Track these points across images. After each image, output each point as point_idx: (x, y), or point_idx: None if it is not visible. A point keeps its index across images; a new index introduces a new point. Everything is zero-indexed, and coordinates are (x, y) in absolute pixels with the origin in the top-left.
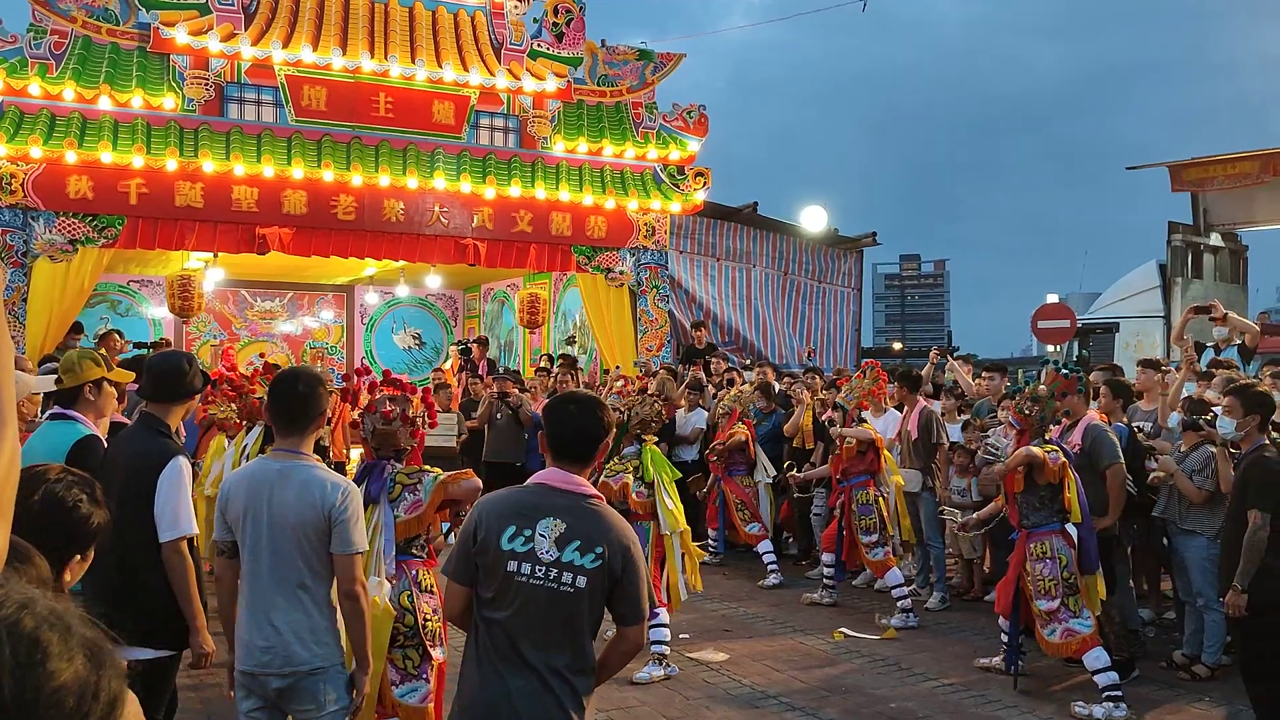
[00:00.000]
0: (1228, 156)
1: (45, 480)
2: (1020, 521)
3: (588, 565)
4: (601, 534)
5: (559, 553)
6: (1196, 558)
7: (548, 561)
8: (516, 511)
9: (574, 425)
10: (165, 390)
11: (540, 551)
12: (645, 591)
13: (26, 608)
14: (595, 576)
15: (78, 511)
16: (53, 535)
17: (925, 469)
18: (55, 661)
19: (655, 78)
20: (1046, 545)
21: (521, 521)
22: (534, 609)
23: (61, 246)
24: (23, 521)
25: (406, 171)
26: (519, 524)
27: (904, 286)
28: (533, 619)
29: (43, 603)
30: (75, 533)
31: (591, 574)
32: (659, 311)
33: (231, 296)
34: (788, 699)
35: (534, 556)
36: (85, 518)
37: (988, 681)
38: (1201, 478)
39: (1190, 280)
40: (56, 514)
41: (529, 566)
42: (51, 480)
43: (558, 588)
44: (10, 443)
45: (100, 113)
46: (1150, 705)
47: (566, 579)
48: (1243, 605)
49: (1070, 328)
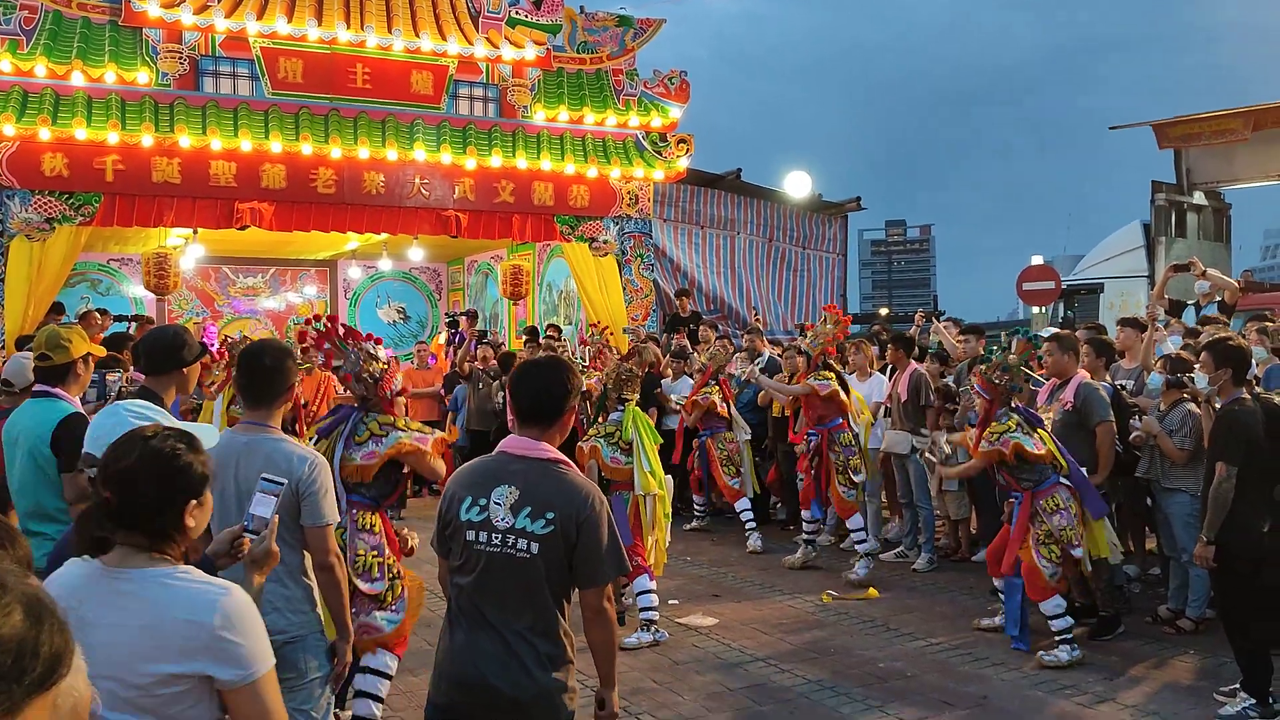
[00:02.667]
0: (1212, 114)
1: (142, 439)
2: (1020, 484)
3: (538, 531)
4: (553, 499)
5: (513, 519)
6: (1180, 513)
7: (503, 529)
8: (475, 481)
9: (533, 387)
10: (160, 362)
11: (495, 519)
12: (605, 556)
13: None
14: (548, 542)
15: (180, 460)
16: (165, 486)
17: (914, 431)
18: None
19: (635, 44)
20: (1057, 498)
21: (478, 491)
22: (493, 575)
23: (38, 225)
24: (133, 479)
25: (386, 143)
26: (475, 493)
27: (890, 252)
28: (493, 585)
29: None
30: (184, 481)
31: (543, 539)
32: (644, 280)
33: (213, 273)
34: (776, 661)
35: (489, 525)
36: (189, 465)
37: (975, 640)
38: (1181, 437)
39: (1174, 239)
40: (160, 466)
41: (485, 535)
42: (148, 437)
43: (515, 554)
44: None
45: (73, 89)
46: (1136, 659)
47: (521, 545)
48: (1210, 556)
49: (1055, 289)
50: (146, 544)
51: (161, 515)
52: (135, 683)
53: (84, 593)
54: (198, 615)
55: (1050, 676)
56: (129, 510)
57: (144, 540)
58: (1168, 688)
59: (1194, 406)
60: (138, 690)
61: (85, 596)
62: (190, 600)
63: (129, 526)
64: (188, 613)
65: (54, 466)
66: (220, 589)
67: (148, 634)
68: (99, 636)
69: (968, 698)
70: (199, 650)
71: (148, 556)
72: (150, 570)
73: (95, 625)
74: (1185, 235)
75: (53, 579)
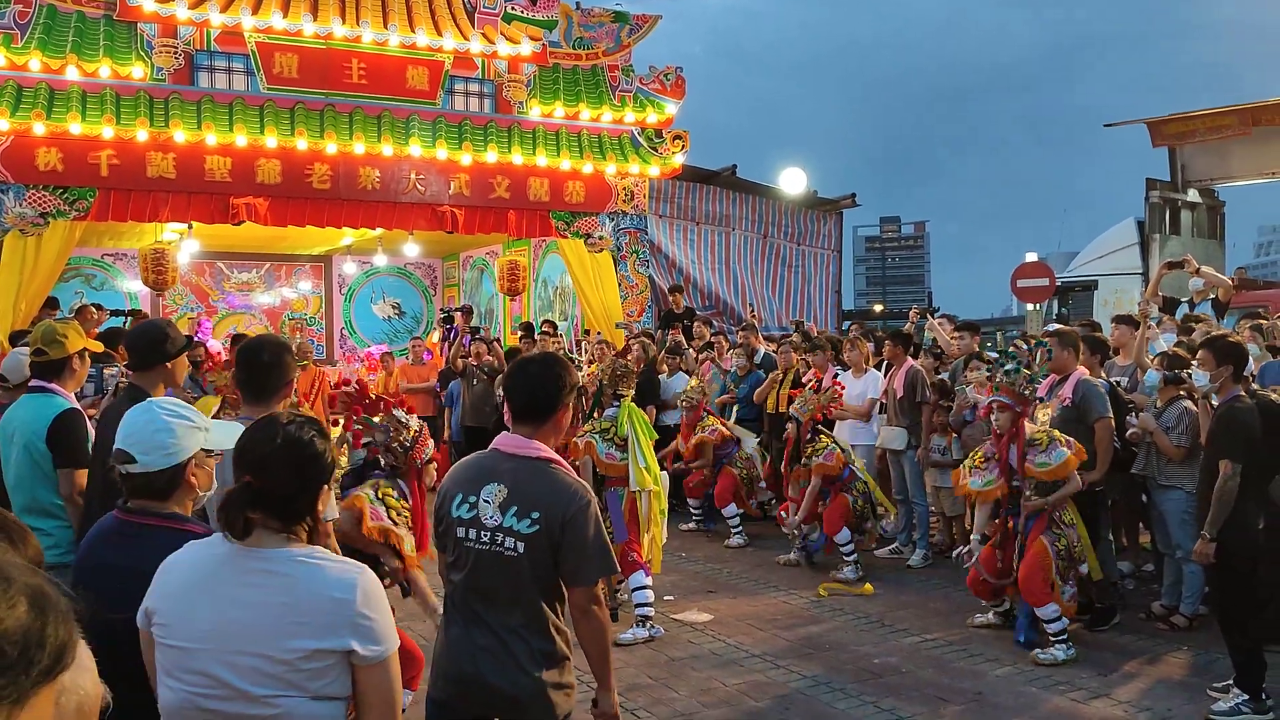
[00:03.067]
0: (1206, 112)
1: (279, 424)
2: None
3: (524, 530)
4: (540, 499)
5: (501, 517)
6: (1175, 510)
7: (491, 527)
8: (467, 478)
9: (525, 385)
10: (145, 357)
11: (484, 517)
12: (592, 555)
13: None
14: (533, 541)
15: (314, 446)
16: (302, 471)
17: (910, 427)
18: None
19: (631, 40)
20: (1069, 514)
21: (468, 488)
22: (482, 572)
23: (32, 220)
24: (273, 464)
25: (381, 139)
26: (465, 491)
27: (884, 249)
28: (482, 582)
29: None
30: (319, 466)
31: (529, 539)
32: (639, 276)
33: (208, 269)
34: (771, 657)
35: (478, 522)
36: (322, 452)
37: (970, 636)
38: (1177, 434)
39: (1168, 237)
40: (298, 452)
41: (474, 532)
42: (285, 424)
43: (503, 552)
44: None
45: (68, 83)
46: (1130, 655)
47: (508, 544)
48: (1211, 554)
49: (1049, 286)
50: (281, 525)
51: (298, 498)
52: (281, 658)
53: (223, 573)
54: (341, 592)
55: (1045, 673)
56: (268, 493)
57: (278, 522)
58: (1161, 683)
59: (1190, 403)
60: (284, 665)
61: (224, 576)
62: (332, 578)
63: (266, 509)
64: (331, 590)
65: (49, 462)
66: (356, 568)
67: (289, 611)
68: (242, 615)
69: (962, 693)
70: (342, 626)
71: (283, 537)
72: (286, 550)
73: (237, 603)
74: (1179, 232)
75: (179, 561)
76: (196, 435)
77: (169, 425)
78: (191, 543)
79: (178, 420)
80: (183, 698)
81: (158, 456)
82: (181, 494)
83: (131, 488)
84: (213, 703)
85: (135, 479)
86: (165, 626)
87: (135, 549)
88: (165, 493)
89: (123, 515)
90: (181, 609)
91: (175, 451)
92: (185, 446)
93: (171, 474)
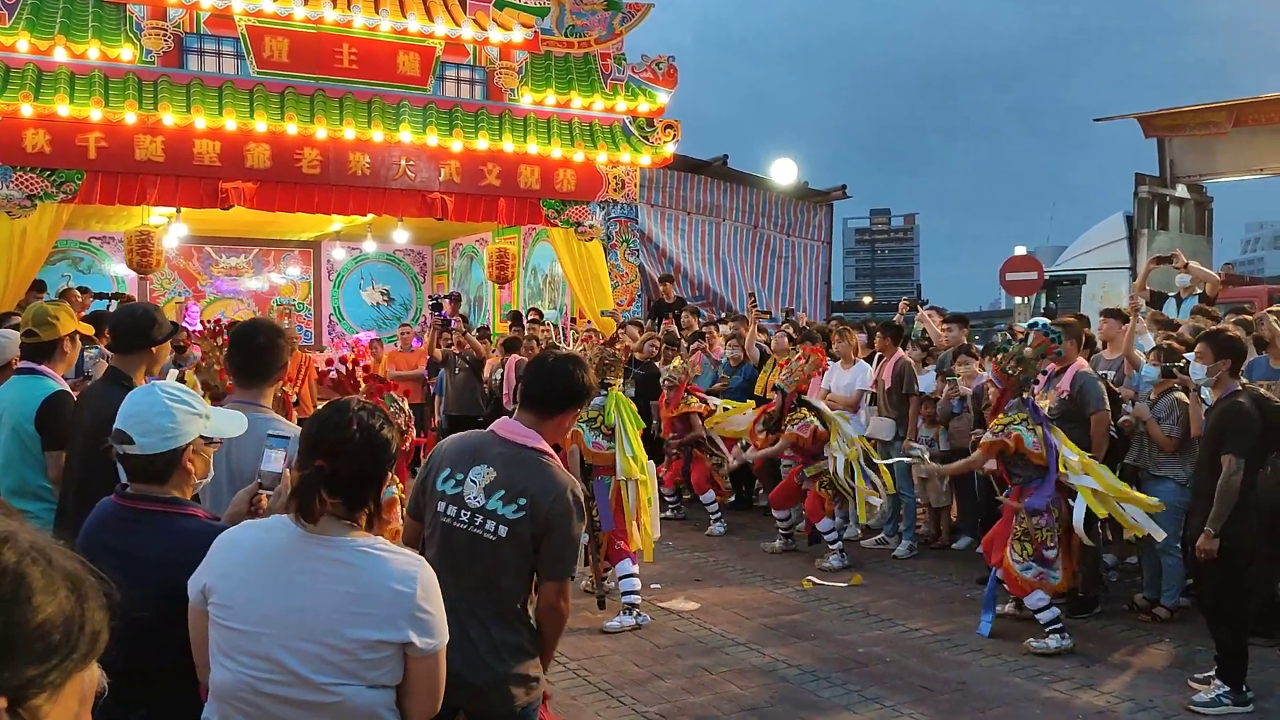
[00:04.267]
0: (1195, 107)
1: (352, 411)
2: (1010, 478)
3: (509, 515)
4: (528, 486)
5: (485, 500)
6: (1166, 501)
7: (473, 507)
8: (457, 454)
9: (547, 375)
10: (129, 340)
11: (468, 497)
12: (571, 551)
13: (8, 541)
14: (517, 528)
15: (384, 434)
16: (373, 458)
17: (899, 419)
18: (39, 596)
19: (623, 28)
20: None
21: (458, 465)
22: (455, 552)
23: (19, 202)
24: (348, 450)
25: (372, 124)
26: (454, 467)
27: (874, 241)
28: (453, 562)
29: (23, 535)
30: (387, 455)
31: (513, 524)
32: (629, 266)
33: (196, 253)
34: (757, 645)
35: (461, 500)
36: (390, 440)
37: (955, 627)
38: (1169, 424)
39: (1156, 232)
40: (370, 439)
41: (454, 509)
42: (357, 410)
43: (481, 534)
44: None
45: (56, 64)
46: (1113, 645)
47: (490, 527)
48: (1214, 550)
49: (1038, 280)
50: (346, 512)
51: (366, 486)
52: (342, 647)
53: (289, 558)
54: (402, 585)
55: (1028, 663)
56: (338, 478)
57: (344, 509)
58: (1143, 674)
59: (1183, 395)
60: (345, 654)
61: (290, 562)
62: (394, 570)
63: (335, 493)
64: (393, 581)
65: (38, 444)
66: (417, 560)
67: (352, 600)
68: (307, 601)
69: (947, 683)
70: (402, 617)
71: (346, 525)
72: (351, 539)
73: (303, 590)
74: (1167, 228)
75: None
76: (196, 422)
77: (169, 409)
78: (249, 522)
79: (179, 405)
80: (240, 679)
81: (156, 439)
82: (179, 478)
83: (129, 469)
84: (271, 687)
85: (133, 460)
86: (226, 608)
87: (133, 534)
88: (163, 476)
89: (121, 500)
90: (245, 591)
91: (174, 436)
92: (185, 432)
93: (169, 458)
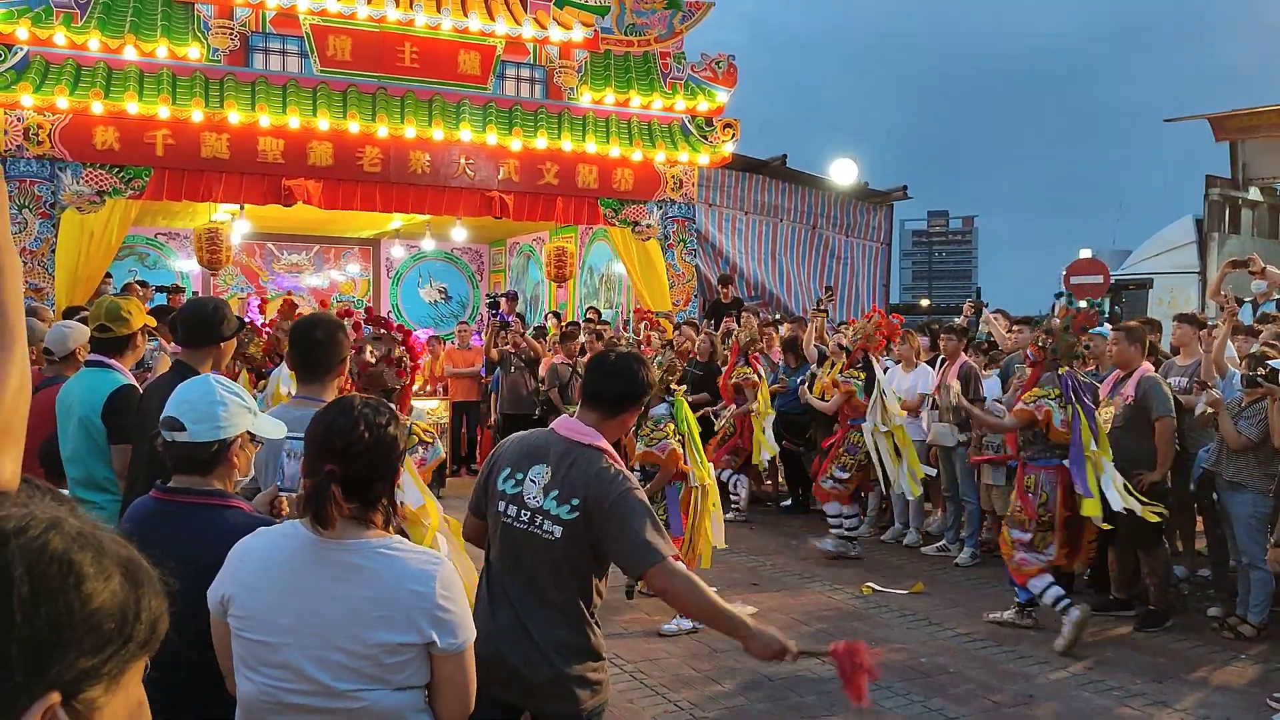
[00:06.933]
0: (1271, 107)
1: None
2: (1019, 450)
3: (564, 515)
4: (582, 485)
5: (543, 499)
6: (1242, 513)
7: (533, 507)
8: (518, 454)
9: (612, 371)
10: (198, 335)
11: (527, 496)
12: (643, 540)
13: (55, 527)
14: (572, 528)
15: (391, 433)
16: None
17: (962, 424)
18: (90, 583)
19: (683, 27)
20: (1032, 479)
21: (519, 464)
22: (516, 552)
23: (89, 198)
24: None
25: (432, 123)
26: (515, 466)
27: (931, 243)
28: (515, 561)
29: (71, 521)
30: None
31: (568, 525)
32: (686, 266)
33: (258, 249)
34: None
35: (520, 500)
36: (397, 436)
37: (1019, 637)
38: (1247, 423)
39: (1227, 235)
40: (379, 438)
41: (514, 509)
42: (361, 409)
43: (540, 534)
44: (21, 363)
45: (125, 63)
46: (1187, 661)
47: (547, 526)
48: None
49: (1103, 283)
50: (360, 513)
51: (376, 486)
52: (364, 652)
53: (306, 565)
54: (420, 585)
55: (1098, 677)
56: (349, 480)
57: (359, 510)
58: (1220, 691)
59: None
60: (367, 660)
61: (307, 569)
62: (413, 570)
63: (346, 494)
64: (411, 582)
65: (104, 437)
66: (435, 558)
67: (374, 604)
68: (327, 609)
69: (1012, 695)
70: (422, 618)
71: (361, 525)
72: (368, 541)
73: (322, 597)
74: (1239, 231)
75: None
76: (246, 416)
77: (223, 399)
78: (263, 529)
79: (232, 396)
80: (264, 690)
81: (207, 427)
82: (224, 471)
83: (174, 457)
84: (295, 697)
85: (178, 449)
86: (245, 619)
87: (173, 530)
88: (209, 467)
89: (161, 495)
90: (264, 602)
91: (225, 426)
92: (235, 424)
93: (217, 448)
